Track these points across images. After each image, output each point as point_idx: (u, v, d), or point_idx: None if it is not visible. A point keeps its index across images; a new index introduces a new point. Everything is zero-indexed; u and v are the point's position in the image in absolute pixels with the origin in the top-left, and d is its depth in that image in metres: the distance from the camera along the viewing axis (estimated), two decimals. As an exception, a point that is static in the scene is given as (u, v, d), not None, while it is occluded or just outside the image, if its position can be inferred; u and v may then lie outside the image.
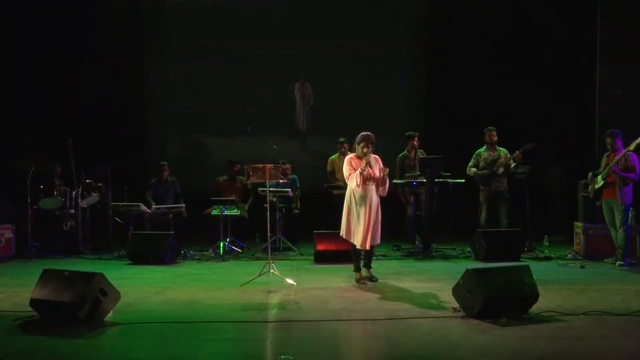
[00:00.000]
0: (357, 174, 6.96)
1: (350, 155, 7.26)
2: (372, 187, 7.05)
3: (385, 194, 7.14)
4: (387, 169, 7.12)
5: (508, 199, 9.32)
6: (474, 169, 9.40)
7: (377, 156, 7.17)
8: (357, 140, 7.15)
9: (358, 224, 6.99)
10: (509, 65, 11.34)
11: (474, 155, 9.48)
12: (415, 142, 9.59)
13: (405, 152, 9.66)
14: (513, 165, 9.14)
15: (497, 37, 11.48)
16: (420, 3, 12.26)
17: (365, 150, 7.01)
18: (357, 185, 6.97)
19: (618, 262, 8.14)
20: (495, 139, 9.36)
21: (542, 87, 11.36)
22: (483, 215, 9.37)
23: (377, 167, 7.07)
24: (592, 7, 10.96)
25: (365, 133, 7.13)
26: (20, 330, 5.19)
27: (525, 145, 9.03)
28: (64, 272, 5.51)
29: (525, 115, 11.17)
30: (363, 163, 6.99)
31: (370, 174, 7.01)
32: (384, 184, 7.07)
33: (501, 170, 9.24)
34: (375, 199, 7.07)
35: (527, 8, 11.34)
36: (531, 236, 9.17)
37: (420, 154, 9.58)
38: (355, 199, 7.04)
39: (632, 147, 7.94)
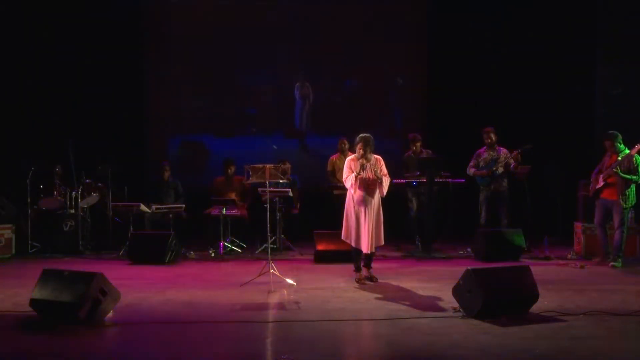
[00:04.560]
0: (353, 177, 6.96)
1: (350, 157, 7.25)
2: (372, 189, 7.03)
3: (383, 195, 7.13)
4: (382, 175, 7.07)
5: (508, 199, 9.33)
6: (473, 169, 9.41)
7: (379, 157, 7.14)
8: (355, 141, 7.14)
9: (358, 228, 6.99)
10: (508, 65, 11.34)
11: (474, 155, 9.50)
12: (415, 146, 9.58)
13: (410, 152, 9.67)
14: (512, 165, 9.15)
15: (497, 38, 11.48)
16: (420, 3, 12.25)
17: (362, 152, 6.97)
18: (352, 187, 6.97)
19: (612, 263, 8.14)
20: (492, 140, 9.36)
21: (542, 86, 11.36)
22: (483, 215, 9.39)
23: (376, 170, 7.04)
24: (592, 7, 10.96)
25: (364, 135, 7.10)
26: (20, 330, 5.19)
27: (524, 145, 9.04)
28: (64, 272, 5.51)
29: (525, 115, 11.16)
30: (359, 166, 6.96)
31: (368, 177, 6.99)
32: (381, 185, 7.05)
33: (500, 170, 9.25)
34: (375, 201, 7.06)
35: (527, 8, 11.34)
36: (531, 236, 9.16)
37: (427, 154, 9.58)
38: (354, 201, 7.04)
39: (634, 151, 7.92)
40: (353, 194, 7.04)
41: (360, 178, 6.95)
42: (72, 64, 11.26)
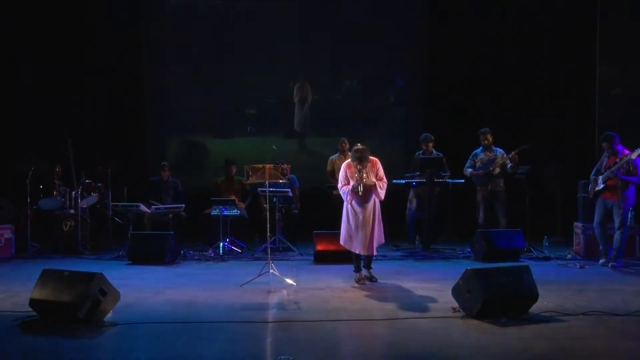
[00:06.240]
0: (349, 192, 6.96)
1: (346, 162, 7.21)
2: (369, 195, 6.99)
3: (381, 199, 7.09)
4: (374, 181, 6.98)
5: (506, 199, 9.34)
6: (470, 170, 9.43)
7: (376, 159, 7.09)
8: (351, 155, 7.07)
9: (358, 232, 6.98)
10: (508, 65, 11.33)
11: (470, 156, 9.52)
12: (427, 146, 9.56)
13: (421, 152, 9.66)
14: (510, 165, 9.16)
15: (497, 37, 11.47)
16: (420, 3, 12.24)
17: (359, 167, 6.90)
18: (347, 199, 6.99)
19: (611, 264, 8.14)
20: (489, 141, 9.38)
21: (542, 87, 11.36)
22: (481, 216, 9.41)
23: (372, 173, 7.01)
24: (592, 6, 10.96)
25: (358, 147, 6.96)
26: (20, 330, 5.19)
27: (522, 146, 9.04)
28: (63, 272, 5.51)
29: (525, 115, 11.17)
30: (355, 182, 6.89)
31: (365, 186, 6.96)
32: (377, 189, 7.00)
33: (497, 170, 9.26)
34: (373, 203, 7.05)
35: (527, 8, 11.33)
36: (531, 236, 9.15)
37: (437, 155, 9.56)
38: (352, 206, 7.03)
39: (634, 155, 7.90)
40: (349, 203, 7.04)
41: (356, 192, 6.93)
42: (72, 64, 11.26)
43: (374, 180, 6.97)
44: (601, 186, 8.16)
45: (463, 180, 9.49)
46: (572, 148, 11.20)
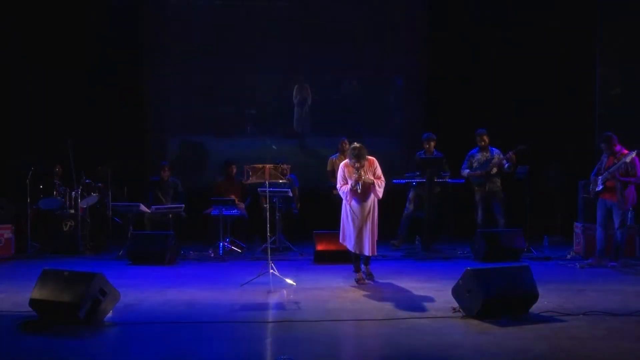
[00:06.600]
0: (347, 191, 6.96)
1: (343, 162, 7.22)
2: (368, 194, 6.99)
3: (379, 197, 7.09)
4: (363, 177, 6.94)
5: (503, 199, 9.36)
6: (467, 170, 9.45)
7: (373, 158, 7.09)
8: (348, 153, 7.10)
9: (358, 232, 6.98)
10: (508, 65, 11.32)
11: (467, 157, 9.52)
12: (429, 145, 9.56)
13: (422, 151, 9.66)
14: (507, 165, 9.16)
15: (496, 38, 11.46)
16: (420, 3, 12.24)
17: (357, 165, 6.90)
18: (347, 199, 6.99)
19: (610, 264, 8.14)
20: (485, 142, 9.38)
21: (542, 86, 11.35)
22: (479, 216, 9.43)
23: (370, 172, 7.00)
24: (592, 7, 10.95)
25: (355, 145, 6.98)
26: (20, 330, 5.19)
27: (519, 146, 9.04)
28: (63, 272, 5.51)
29: (524, 115, 11.16)
30: (354, 181, 6.90)
31: (363, 183, 6.96)
32: (375, 188, 7.01)
33: (494, 170, 9.26)
34: (372, 202, 7.06)
35: (527, 8, 11.33)
36: (530, 236, 9.14)
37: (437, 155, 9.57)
38: (352, 206, 7.03)
39: (628, 158, 7.90)
40: (348, 203, 7.04)
41: (355, 190, 6.93)
42: (72, 64, 11.25)
43: (372, 178, 6.97)
44: (600, 187, 8.17)
45: (464, 181, 9.49)
46: (572, 148, 11.19)
